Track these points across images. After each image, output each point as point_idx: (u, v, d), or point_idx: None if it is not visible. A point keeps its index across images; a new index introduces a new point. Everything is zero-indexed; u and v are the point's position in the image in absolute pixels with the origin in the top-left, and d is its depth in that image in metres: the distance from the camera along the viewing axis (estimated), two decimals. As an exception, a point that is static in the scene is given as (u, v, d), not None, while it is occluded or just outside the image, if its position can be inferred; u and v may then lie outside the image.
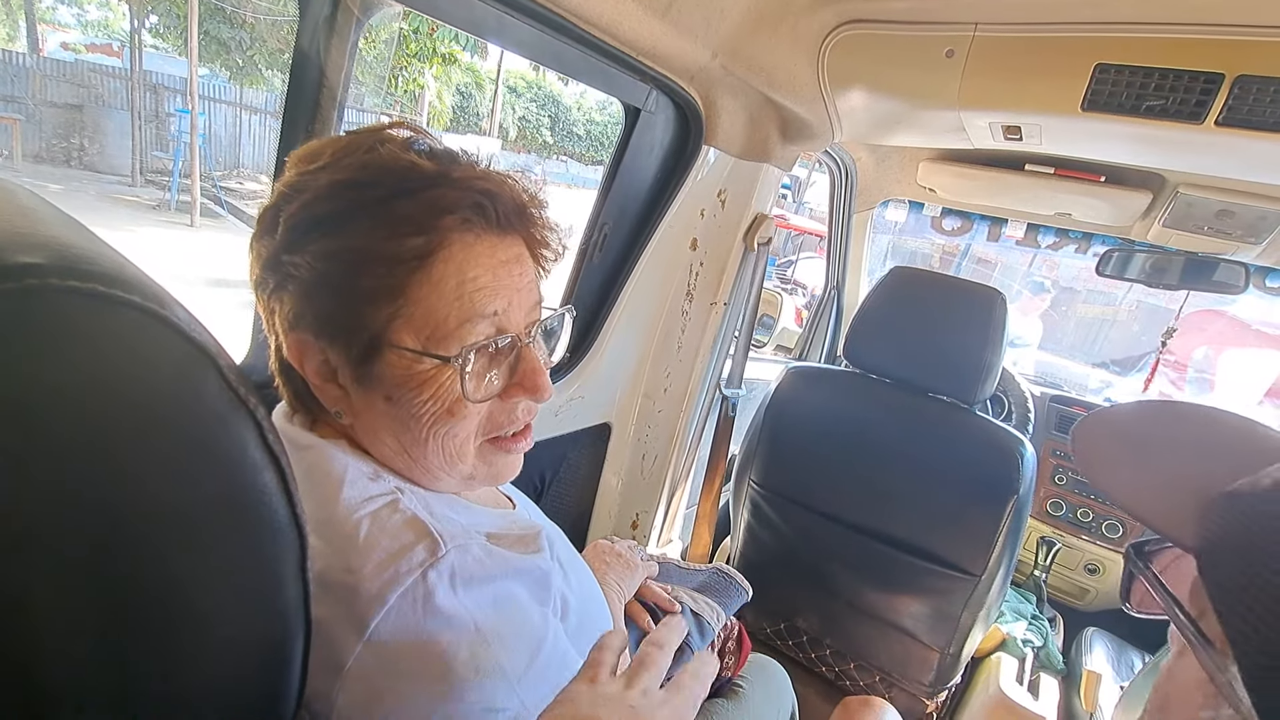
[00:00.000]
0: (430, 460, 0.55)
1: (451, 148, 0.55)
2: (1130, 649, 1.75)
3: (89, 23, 14.25)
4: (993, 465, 1.28)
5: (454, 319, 0.50)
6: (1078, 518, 2.03)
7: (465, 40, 9.51)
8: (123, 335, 0.24)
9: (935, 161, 1.77)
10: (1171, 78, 0.91)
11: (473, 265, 0.51)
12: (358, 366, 0.51)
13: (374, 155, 0.50)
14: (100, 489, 0.23)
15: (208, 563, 0.27)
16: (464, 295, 0.50)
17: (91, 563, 0.23)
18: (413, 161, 0.50)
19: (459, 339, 0.51)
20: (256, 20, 9.68)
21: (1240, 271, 1.62)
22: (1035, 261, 5.31)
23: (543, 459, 1.32)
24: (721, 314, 1.48)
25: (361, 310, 0.50)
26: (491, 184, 0.52)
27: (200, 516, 0.26)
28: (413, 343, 0.50)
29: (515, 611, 0.53)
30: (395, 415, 0.53)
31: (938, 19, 1.01)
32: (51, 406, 0.22)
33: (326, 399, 0.54)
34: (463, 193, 0.50)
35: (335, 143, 0.52)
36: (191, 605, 0.27)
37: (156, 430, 0.25)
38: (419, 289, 0.49)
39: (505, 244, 0.54)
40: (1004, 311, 1.29)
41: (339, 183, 0.49)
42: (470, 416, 0.54)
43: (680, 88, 1.12)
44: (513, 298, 0.54)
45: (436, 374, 0.51)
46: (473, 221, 0.51)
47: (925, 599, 1.37)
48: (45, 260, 0.22)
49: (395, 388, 0.51)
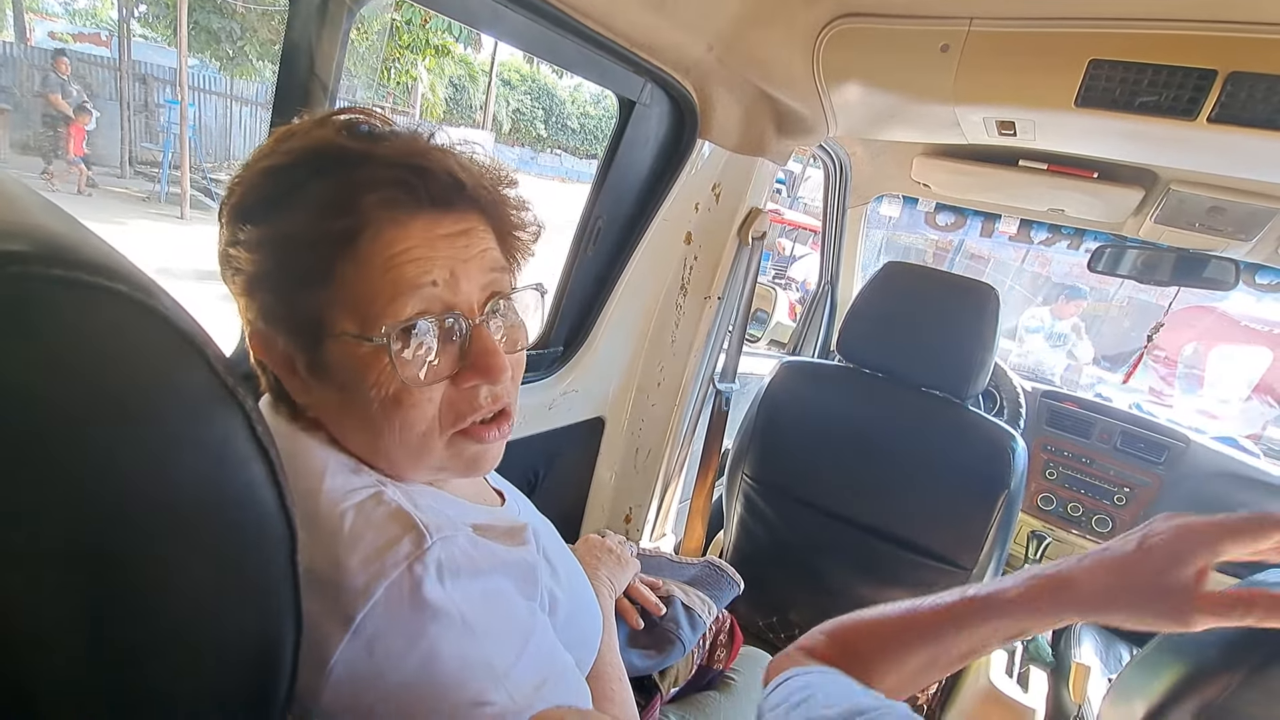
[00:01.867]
0: (395, 453, 0.53)
1: (396, 128, 0.52)
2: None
3: (77, 11, 14.07)
4: (984, 460, 1.28)
5: (385, 294, 0.48)
6: (1068, 512, 2.05)
7: (459, 32, 9.45)
8: (108, 324, 0.24)
9: (929, 157, 1.77)
10: (1165, 74, 0.91)
11: (403, 239, 0.48)
12: (308, 355, 0.50)
13: (305, 138, 0.49)
14: (83, 480, 0.23)
15: (195, 555, 0.27)
16: (393, 268, 0.48)
17: (73, 556, 0.23)
18: (337, 142, 0.49)
19: (392, 314, 0.48)
20: (247, 10, 9.58)
21: (1231, 268, 1.63)
22: (1029, 257, 5.33)
23: (536, 453, 1.32)
24: (715, 308, 1.48)
25: (296, 297, 0.48)
26: (423, 160, 0.49)
27: (186, 508, 0.26)
28: (350, 326, 0.48)
29: (502, 604, 0.53)
30: (351, 407, 0.51)
31: (933, 13, 1.01)
32: (34, 395, 0.22)
33: (293, 391, 0.53)
34: (386, 169, 0.48)
35: (286, 129, 0.51)
36: (177, 597, 0.27)
37: (142, 420, 0.24)
38: (348, 270, 0.47)
39: (449, 219, 0.50)
40: (996, 307, 1.30)
41: (267, 169, 0.49)
42: (421, 404, 0.51)
43: (675, 81, 1.11)
44: (456, 268, 0.50)
45: (376, 357, 0.48)
46: (399, 200, 0.48)
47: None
48: (29, 248, 0.22)
49: (345, 376, 0.50)
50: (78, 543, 0.23)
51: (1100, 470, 2.03)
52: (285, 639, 0.33)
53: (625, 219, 1.28)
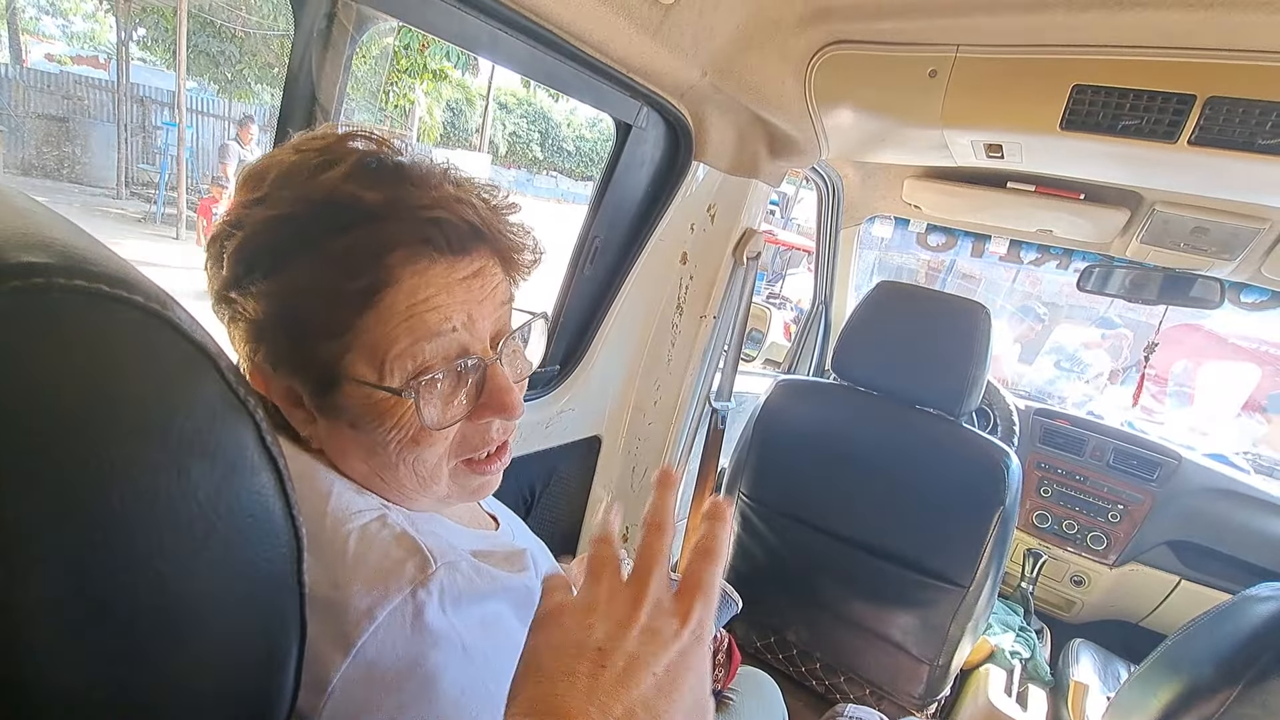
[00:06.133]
0: (404, 483, 0.53)
1: (403, 160, 0.50)
2: (1116, 660, 1.76)
3: (75, 34, 14.20)
4: (979, 477, 1.29)
5: (405, 342, 0.47)
6: (1063, 530, 2.05)
7: (456, 57, 9.58)
8: (126, 334, 0.24)
9: (920, 179, 1.81)
10: (1146, 98, 0.94)
11: (424, 288, 0.48)
12: (318, 397, 0.50)
13: (314, 185, 0.47)
14: (97, 486, 0.23)
15: (203, 562, 0.27)
16: (414, 317, 0.47)
17: (84, 562, 0.23)
18: (354, 194, 0.46)
19: (413, 359, 0.48)
20: (247, 34, 9.69)
21: (1216, 287, 1.66)
22: (1019, 277, 5.38)
23: (532, 472, 1.32)
24: (711, 327, 1.49)
25: (312, 348, 0.48)
26: (440, 210, 0.48)
27: (196, 515, 0.26)
28: (368, 374, 0.48)
29: (501, 631, 0.53)
30: (362, 442, 0.51)
31: (921, 40, 1.04)
32: (52, 404, 0.22)
33: (296, 423, 0.53)
34: (408, 225, 0.47)
35: (279, 165, 0.49)
36: (185, 606, 0.27)
37: (158, 427, 0.25)
38: (367, 321, 0.47)
39: (464, 262, 0.50)
40: (988, 325, 1.32)
41: (274, 219, 0.46)
42: (439, 442, 0.52)
43: (670, 104, 1.14)
44: (472, 310, 0.50)
45: (397, 404, 0.49)
46: (420, 253, 0.47)
47: (914, 611, 1.37)
48: (51, 259, 0.23)
49: (358, 417, 0.50)
50: (87, 549, 0.23)
51: (1094, 487, 2.04)
52: (289, 650, 0.33)
53: (622, 239, 1.30)
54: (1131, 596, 2.00)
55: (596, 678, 0.35)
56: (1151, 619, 1.99)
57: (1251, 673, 0.81)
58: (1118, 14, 0.84)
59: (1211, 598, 1.78)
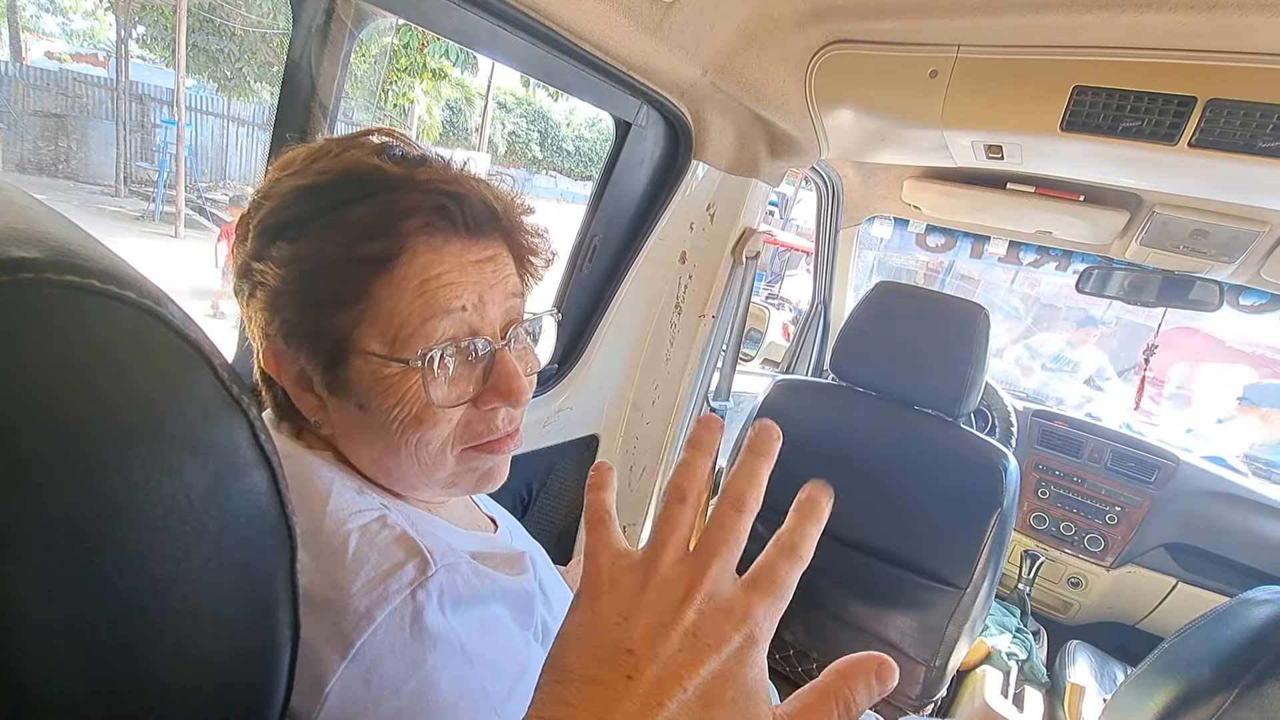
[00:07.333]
0: (405, 470, 0.53)
1: (425, 153, 0.54)
2: (1113, 662, 1.77)
3: (74, 32, 14.16)
4: (977, 478, 1.29)
5: (417, 317, 0.48)
6: (1060, 531, 2.05)
7: (455, 55, 9.56)
8: (118, 331, 0.24)
9: (920, 179, 1.81)
10: (1146, 100, 0.94)
11: (438, 264, 0.49)
12: (328, 374, 0.51)
13: (340, 160, 0.50)
14: (88, 484, 0.23)
15: (195, 561, 0.27)
16: (427, 292, 0.49)
17: (74, 560, 0.23)
18: (376, 165, 0.49)
19: (424, 337, 0.49)
20: (246, 33, 9.68)
21: (1215, 289, 1.66)
22: (1018, 278, 5.39)
23: (530, 471, 1.32)
24: (710, 326, 1.49)
25: (324, 316, 0.49)
26: (459, 187, 0.50)
27: (188, 513, 0.26)
28: (378, 347, 0.49)
29: (499, 633, 0.53)
30: (369, 424, 0.52)
31: (922, 40, 1.04)
32: (43, 400, 0.22)
33: (305, 408, 0.54)
34: (426, 195, 0.49)
35: (310, 149, 0.52)
36: (176, 604, 0.27)
37: (148, 425, 0.24)
38: (381, 291, 0.48)
39: (479, 245, 0.52)
40: (987, 326, 1.32)
41: (301, 188, 0.49)
42: (442, 423, 0.52)
43: (670, 103, 1.14)
44: (484, 293, 0.52)
45: (403, 378, 0.49)
46: (436, 225, 0.49)
47: (911, 612, 1.37)
48: (41, 255, 0.22)
49: (366, 394, 0.50)
50: (77, 547, 0.23)
51: (1092, 489, 2.04)
52: (282, 650, 0.33)
53: (621, 238, 1.30)
54: (1129, 599, 2.00)
55: (617, 694, 0.29)
56: (1148, 621, 1.99)
57: (1248, 676, 0.81)
58: (1119, 15, 0.84)
59: (1208, 600, 1.78)
